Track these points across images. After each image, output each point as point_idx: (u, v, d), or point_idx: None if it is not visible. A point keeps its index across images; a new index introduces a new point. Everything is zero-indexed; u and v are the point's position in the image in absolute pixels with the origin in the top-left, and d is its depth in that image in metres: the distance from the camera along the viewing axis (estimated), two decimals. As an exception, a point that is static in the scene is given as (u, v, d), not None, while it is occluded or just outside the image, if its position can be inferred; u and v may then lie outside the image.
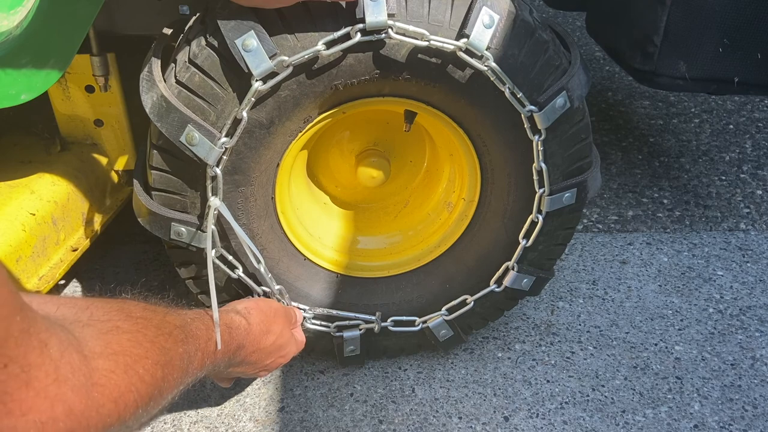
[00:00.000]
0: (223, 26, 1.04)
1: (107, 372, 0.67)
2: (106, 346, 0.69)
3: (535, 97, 1.16)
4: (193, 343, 0.91)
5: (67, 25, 1.13)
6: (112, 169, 1.55)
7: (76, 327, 0.68)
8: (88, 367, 0.64)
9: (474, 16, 1.08)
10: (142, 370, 0.73)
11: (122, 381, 0.69)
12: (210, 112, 1.10)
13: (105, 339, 0.70)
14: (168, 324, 0.85)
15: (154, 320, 0.82)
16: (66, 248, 1.41)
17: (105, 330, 0.71)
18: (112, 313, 0.75)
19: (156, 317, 0.83)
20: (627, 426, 1.39)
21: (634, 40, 1.64)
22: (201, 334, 0.94)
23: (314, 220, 1.46)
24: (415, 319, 1.43)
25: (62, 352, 0.61)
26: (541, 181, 1.25)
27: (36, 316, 0.59)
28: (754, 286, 1.78)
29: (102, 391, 0.66)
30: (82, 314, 0.72)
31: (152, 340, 0.78)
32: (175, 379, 0.82)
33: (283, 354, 1.20)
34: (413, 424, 1.39)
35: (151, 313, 0.83)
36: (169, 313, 0.89)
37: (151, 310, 0.84)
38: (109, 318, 0.74)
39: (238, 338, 1.06)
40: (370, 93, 1.17)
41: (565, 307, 1.70)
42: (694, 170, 2.31)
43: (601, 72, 2.98)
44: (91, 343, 0.67)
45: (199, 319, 0.97)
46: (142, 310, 0.82)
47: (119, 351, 0.71)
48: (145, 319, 0.80)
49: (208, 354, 0.96)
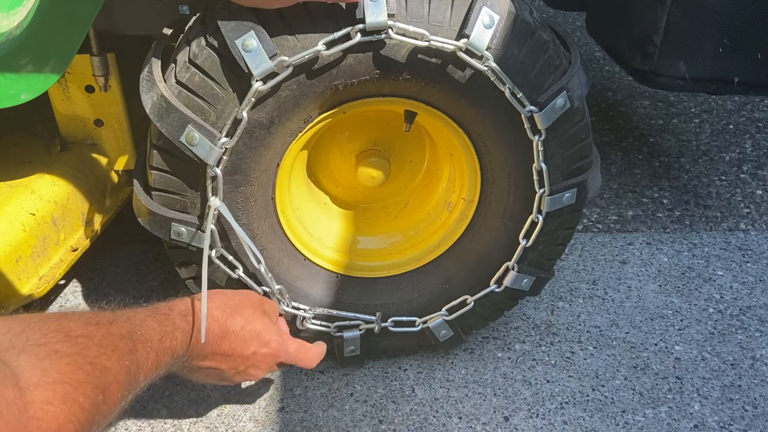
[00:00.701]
0: (223, 26, 1.04)
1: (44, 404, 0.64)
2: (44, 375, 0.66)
3: (535, 98, 1.16)
4: (143, 348, 0.88)
5: (67, 25, 1.13)
6: (112, 169, 1.55)
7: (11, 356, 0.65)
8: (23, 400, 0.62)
9: (474, 16, 1.08)
10: (82, 398, 0.70)
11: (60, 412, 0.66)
12: (210, 112, 1.10)
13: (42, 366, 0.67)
14: (112, 337, 0.81)
15: (96, 337, 0.78)
16: (66, 248, 1.41)
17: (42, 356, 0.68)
18: (49, 336, 0.72)
19: (99, 332, 0.79)
20: (627, 426, 1.39)
21: (634, 40, 1.64)
22: (153, 335, 0.91)
23: (314, 220, 1.46)
24: (415, 319, 1.43)
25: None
26: (541, 181, 1.25)
27: None
28: (754, 286, 1.78)
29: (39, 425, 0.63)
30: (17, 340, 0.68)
31: (92, 362, 0.74)
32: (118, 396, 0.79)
33: (265, 341, 1.15)
34: (413, 424, 1.39)
35: (94, 328, 0.80)
36: (116, 322, 0.85)
37: (94, 323, 0.81)
38: (46, 341, 0.70)
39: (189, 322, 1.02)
40: (370, 93, 1.18)
41: (565, 307, 1.70)
42: (694, 170, 2.31)
43: (601, 72, 2.98)
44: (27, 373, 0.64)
45: (151, 316, 0.94)
46: (84, 326, 0.78)
47: (57, 379, 0.68)
48: (87, 338, 0.76)
49: (162, 351, 0.92)
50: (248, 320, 1.13)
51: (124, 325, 0.87)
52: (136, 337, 0.88)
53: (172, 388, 1.44)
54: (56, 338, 0.72)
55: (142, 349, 0.87)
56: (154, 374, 0.91)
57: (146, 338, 0.90)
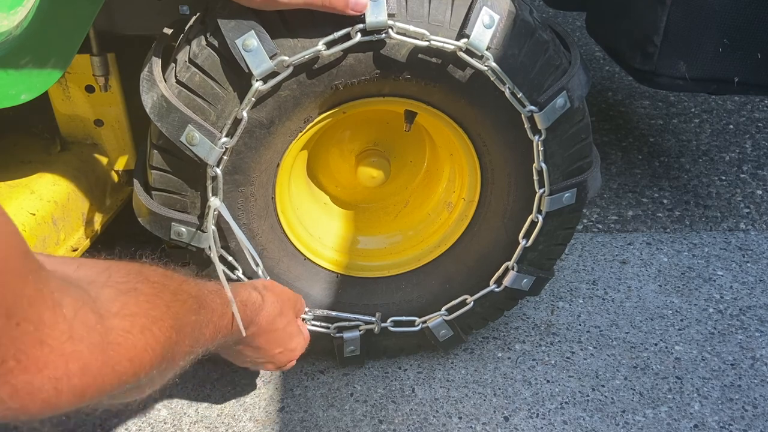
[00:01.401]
0: (224, 26, 1.04)
1: (123, 332, 0.68)
2: (123, 307, 0.70)
3: (535, 97, 1.16)
4: (206, 314, 0.91)
5: (67, 25, 1.13)
6: (112, 169, 1.55)
7: (94, 287, 0.69)
8: (103, 326, 0.65)
9: (474, 16, 1.08)
10: (158, 332, 0.74)
11: (138, 341, 0.70)
12: (210, 111, 1.10)
13: (122, 300, 0.71)
14: (183, 292, 0.86)
15: (170, 286, 0.83)
16: (66, 248, 1.41)
17: (123, 291, 0.72)
18: (130, 276, 0.76)
19: (172, 284, 0.84)
20: (627, 426, 1.39)
21: (634, 40, 1.64)
22: (216, 308, 0.95)
23: (314, 220, 1.46)
24: (414, 319, 1.43)
25: (77, 311, 0.62)
26: (541, 181, 1.25)
27: (50, 276, 0.60)
28: (754, 286, 1.78)
29: (118, 350, 0.66)
30: (100, 275, 0.73)
31: (168, 305, 0.79)
32: (187, 345, 0.83)
33: (292, 347, 1.21)
34: (413, 424, 1.39)
35: (168, 279, 0.84)
36: (186, 282, 0.90)
37: (168, 276, 0.86)
38: (128, 280, 0.75)
39: (252, 314, 1.07)
40: (371, 93, 1.18)
41: (565, 307, 1.70)
42: (694, 170, 2.31)
43: (601, 72, 2.98)
44: (107, 304, 0.68)
45: (216, 293, 0.98)
46: (160, 276, 0.83)
47: (136, 312, 0.71)
48: (162, 285, 0.81)
49: (219, 328, 0.96)
50: (289, 323, 1.18)
51: (194, 286, 0.92)
52: (203, 302, 0.92)
53: (172, 388, 1.44)
54: (137, 279, 0.76)
55: (204, 316, 0.91)
56: (209, 345, 0.95)
57: (210, 308, 0.94)
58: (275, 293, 1.18)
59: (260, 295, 1.12)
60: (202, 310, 0.90)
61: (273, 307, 1.14)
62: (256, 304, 1.09)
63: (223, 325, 0.98)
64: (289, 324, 1.18)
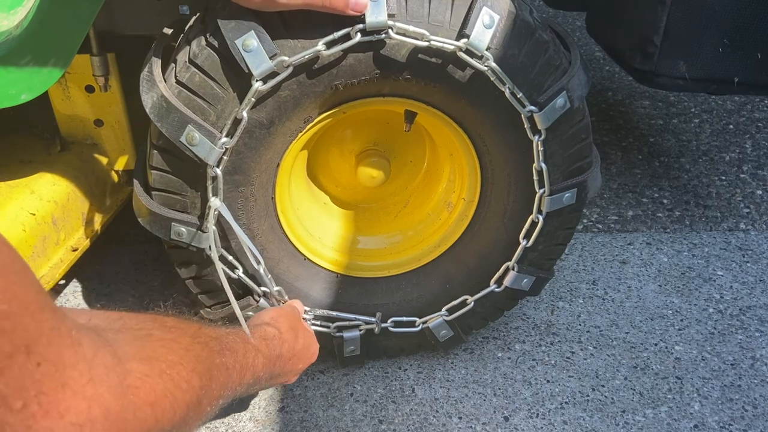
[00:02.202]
0: (224, 26, 1.04)
1: (142, 375, 0.65)
2: (140, 350, 0.67)
3: (535, 98, 1.16)
4: (231, 356, 0.88)
5: (67, 25, 1.13)
6: (112, 169, 1.55)
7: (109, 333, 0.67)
8: (122, 368, 0.62)
9: (474, 16, 1.08)
10: (177, 376, 0.70)
11: (157, 385, 0.66)
12: (210, 112, 1.10)
13: (138, 344, 0.68)
14: (203, 334, 0.83)
15: (188, 330, 0.80)
16: (66, 248, 1.41)
17: (138, 336, 0.70)
18: (145, 323, 0.74)
19: (190, 328, 0.82)
20: (627, 426, 1.39)
21: (634, 40, 1.64)
22: (238, 348, 0.92)
23: (314, 220, 1.46)
24: (415, 319, 1.43)
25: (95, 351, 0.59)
26: (542, 182, 1.25)
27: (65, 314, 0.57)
28: (754, 286, 1.78)
29: (137, 394, 0.63)
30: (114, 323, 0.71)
31: (187, 348, 0.76)
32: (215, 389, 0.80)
33: (309, 357, 1.21)
34: (413, 424, 1.39)
35: (185, 324, 0.82)
36: (204, 327, 0.88)
37: (185, 321, 0.84)
38: (142, 327, 0.73)
39: (275, 348, 1.06)
40: (371, 93, 1.17)
41: (565, 307, 1.70)
42: (694, 170, 2.31)
43: (601, 72, 2.98)
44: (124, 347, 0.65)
45: (234, 333, 0.96)
46: (176, 321, 0.81)
47: (153, 356, 0.69)
48: (179, 329, 0.78)
49: (247, 367, 0.93)
50: (305, 338, 1.19)
51: (211, 330, 0.89)
52: (224, 343, 0.89)
53: (172, 388, 1.44)
54: (152, 325, 0.74)
55: (229, 356, 0.88)
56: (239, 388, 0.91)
57: (232, 348, 0.90)
58: (286, 317, 1.17)
59: (275, 328, 1.10)
60: (226, 351, 0.88)
61: (290, 335, 1.13)
62: (275, 338, 1.08)
63: (249, 365, 0.95)
64: (305, 338, 1.19)
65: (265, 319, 1.14)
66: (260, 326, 1.09)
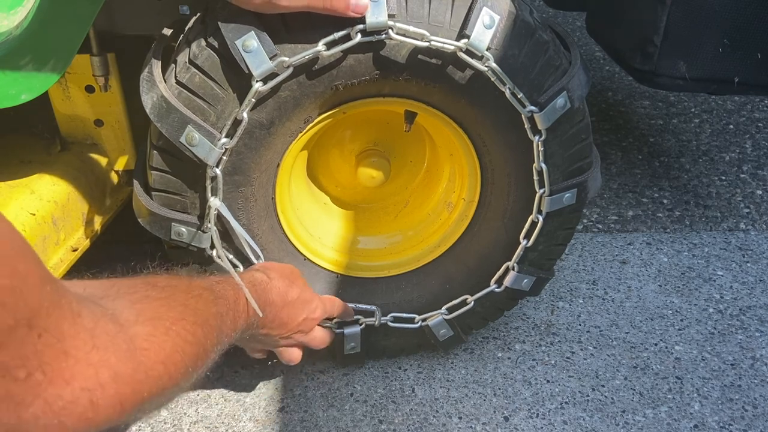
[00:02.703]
0: (224, 27, 1.04)
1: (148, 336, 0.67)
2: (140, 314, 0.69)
3: (536, 98, 1.16)
4: (223, 303, 0.91)
5: (67, 25, 1.12)
6: (112, 169, 1.55)
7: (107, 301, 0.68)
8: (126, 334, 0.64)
9: (474, 16, 1.08)
10: (183, 331, 0.73)
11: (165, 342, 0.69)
12: (210, 112, 1.10)
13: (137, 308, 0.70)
14: (195, 287, 0.85)
15: (180, 286, 0.82)
16: (66, 248, 1.41)
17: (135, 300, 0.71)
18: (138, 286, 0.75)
19: (182, 283, 0.84)
20: (627, 426, 1.39)
21: (634, 40, 1.64)
22: (229, 295, 0.94)
23: (314, 221, 1.46)
24: (414, 316, 1.43)
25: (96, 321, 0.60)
26: (542, 182, 1.25)
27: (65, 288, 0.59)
28: (754, 286, 1.78)
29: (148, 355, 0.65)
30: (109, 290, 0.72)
31: (184, 303, 0.78)
32: (214, 337, 0.83)
33: (312, 309, 1.19)
34: (413, 424, 1.39)
35: (177, 280, 0.84)
36: (194, 279, 0.89)
37: (175, 278, 0.85)
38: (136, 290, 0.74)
39: (264, 294, 1.06)
40: (371, 93, 1.18)
41: (565, 307, 1.70)
42: (694, 170, 2.31)
43: (601, 72, 2.98)
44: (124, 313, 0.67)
45: (224, 281, 0.97)
46: (167, 279, 0.83)
47: (154, 316, 0.71)
48: (172, 287, 0.80)
49: (239, 314, 0.95)
50: (302, 290, 1.18)
51: (202, 281, 0.91)
52: (216, 292, 0.91)
53: (172, 388, 1.44)
54: (145, 287, 0.75)
55: (222, 303, 0.90)
56: (233, 334, 0.94)
57: (225, 297, 0.92)
58: (277, 269, 1.17)
59: (264, 275, 1.11)
60: (219, 300, 0.90)
61: (281, 282, 1.13)
62: (264, 282, 1.08)
63: (241, 311, 0.97)
64: (302, 291, 1.18)
65: (256, 267, 1.15)
66: (250, 271, 1.10)
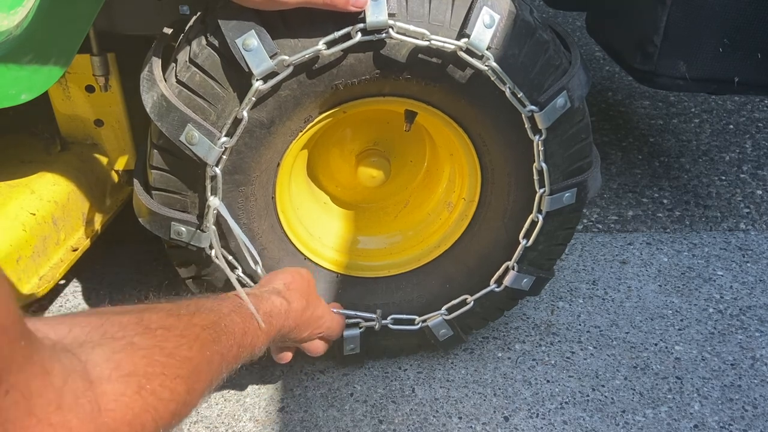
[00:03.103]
0: (224, 26, 1.04)
1: (116, 395, 0.65)
2: (116, 368, 0.67)
3: (536, 97, 1.16)
4: (227, 340, 0.88)
5: (67, 24, 1.13)
6: (113, 169, 1.55)
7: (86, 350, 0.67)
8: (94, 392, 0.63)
9: (474, 15, 1.08)
10: (158, 388, 0.70)
11: (134, 402, 0.67)
12: (210, 111, 1.10)
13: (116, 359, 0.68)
14: (194, 327, 0.82)
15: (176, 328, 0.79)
16: (66, 248, 1.41)
17: (117, 348, 0.69)
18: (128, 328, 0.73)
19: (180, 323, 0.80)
20: (627, 426, 1.39)
21: (634, 40, 1.64)
22: (236, 329, 0.92)
23: (314, 220, 1.46)
24: (414, 317, 1.43)
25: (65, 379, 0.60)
26: (542, 181, 1.25)
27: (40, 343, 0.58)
28: (754, 286, 1.78)
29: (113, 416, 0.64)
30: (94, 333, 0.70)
31: (170, 353, 0.75)
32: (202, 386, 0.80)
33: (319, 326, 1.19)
34: (413, 424, 1.39)
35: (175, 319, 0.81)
36: (198, 312, 0.86)
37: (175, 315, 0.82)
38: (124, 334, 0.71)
39: (278, 323, 1.04)
40: (371, 93, 1.17)
41: (565, 307, 1.70)
42: (694, 170, 2.31)
43: (601, 72, 2.98)
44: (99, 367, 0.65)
45: (236, 311, 0.95)
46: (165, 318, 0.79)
47: (131, 371, 0.68)
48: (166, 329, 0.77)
49: (244, 346, 0.93)
50: (315, 307, 1.17)
51: (207, 315, 0.88)
52: (220, 328, 0.88)
53: (172, 388, 1.44)
54: (134, 330, 0.73)
55: (225, 341, 0.88)
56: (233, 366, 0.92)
57: (230, 331, 0.90)
58: (297, 289, 1.15)
59: (284, 300, 1.08)
60: (222, 336, 0.87)
61: (299, 304, 1.11)
62: (282, 311, 1.06)
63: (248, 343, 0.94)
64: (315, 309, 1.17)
65: (278, 287, 1.11)
66: (270, 298, 1.06)
